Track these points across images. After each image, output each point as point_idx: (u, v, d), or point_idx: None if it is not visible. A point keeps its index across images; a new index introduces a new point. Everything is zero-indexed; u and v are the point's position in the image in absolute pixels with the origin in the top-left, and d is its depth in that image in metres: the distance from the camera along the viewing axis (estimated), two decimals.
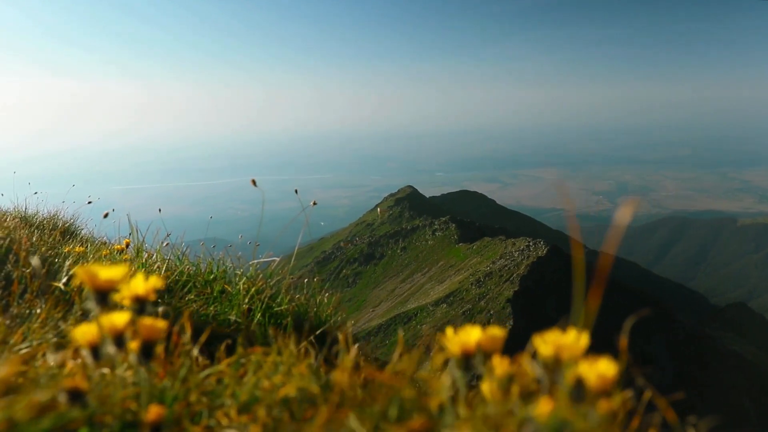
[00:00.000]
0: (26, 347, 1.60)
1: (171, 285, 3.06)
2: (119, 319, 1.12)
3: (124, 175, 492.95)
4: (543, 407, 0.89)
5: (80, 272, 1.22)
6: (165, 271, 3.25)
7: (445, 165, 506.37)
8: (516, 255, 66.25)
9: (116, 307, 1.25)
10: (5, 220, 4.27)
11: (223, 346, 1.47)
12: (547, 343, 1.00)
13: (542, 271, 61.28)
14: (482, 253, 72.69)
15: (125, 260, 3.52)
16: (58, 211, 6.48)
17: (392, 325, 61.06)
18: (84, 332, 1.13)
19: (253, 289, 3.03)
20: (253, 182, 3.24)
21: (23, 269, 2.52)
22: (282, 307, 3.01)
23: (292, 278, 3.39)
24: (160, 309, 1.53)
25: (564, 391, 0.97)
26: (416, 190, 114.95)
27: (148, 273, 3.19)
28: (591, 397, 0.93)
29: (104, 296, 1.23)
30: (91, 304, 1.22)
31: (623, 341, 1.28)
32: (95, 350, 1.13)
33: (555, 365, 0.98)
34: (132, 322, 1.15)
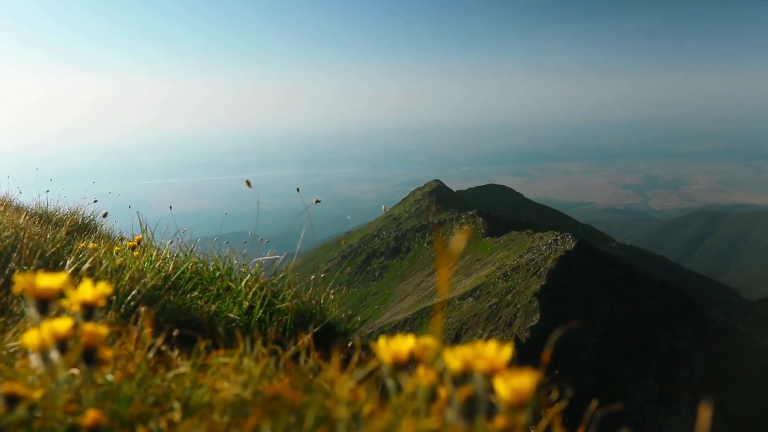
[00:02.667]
0: (17, 346, 1.57)
1: (175, 281, 3.02)
2: (61, 325, 1.14)
3: (152, 170, 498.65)
4: (407, 427, 0.88)
5: (20, 280, 1.24)
6: (172, 267, 3.22)
7: (472, 159, 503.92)
8: (543, 249, 65.71)
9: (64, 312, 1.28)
10: (19, 217, 4.24)
11: (203, 346, 1.45)
12: (456, 357, 0.97)
13: (570, 265, 60.70)
14: (509, 246, 72.24)
15: (135, 257, 3.49)
16: (79, 208, 6.48)
17: (418, 318, 60.97)
18: (33, 337, 1.15)
19: (255, 286, 2.98)
20: (248, 183, 3.17)
21: (25, 267, 2.47)
22: (284, 305, 2.96)
23: (297, 275, 3.34)
24: (143, 309, 1.46)
25: (422, 405, 0.96)
26: (443, 183, 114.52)
27: (154, 269, 3.15)
28: (504, 411, 0.91)
29: (45, 303, 1.25)
30: (32, 311, 1.23)
31: (546, 355, 1.28)
32: (45, 355, 1.15)
33: (463, 379, 0.96)
34: (75, 328, 1.17)
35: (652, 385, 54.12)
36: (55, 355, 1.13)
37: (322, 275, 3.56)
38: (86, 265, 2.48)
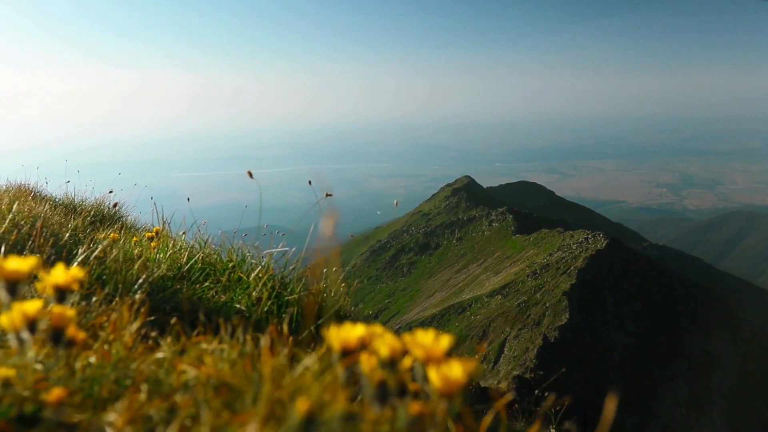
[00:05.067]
0: None
1: (187, 272, 3.03)
2: (30, 306, 1.20)
3: (184, 162, 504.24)
4: (300, 405, 0.90)
5: None
6: (186, 258, 3.25)
7: (503, 155, 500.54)
8: (574, 247, 65.06)
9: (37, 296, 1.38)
10: (41, 206, 4.27)
11: (194, 333, 1.48)
12: (385, 343, 1.00)
13: (601, 264, 59.97)
14: (539, 244, 71.68)
15: (153, 247, 3.52)
16: (105, 199, 6.56)
17: (446, 315, 60.82)
18: (7, 318, 1.20)
19: (264, 278, 2.98)
20: (249, 174, 3.15)
21: (38, 254, 2.47)
22: (292, 297, 2.97)
23: (309, 267, 3.35)
24: (137, 296, 1.43)
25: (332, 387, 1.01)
26: (474, 180, 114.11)
27: (168, 259, 3.13)
28: (436, 399, 0.93)
29: (14, 285, 1.31)
30: (2, 293, 1.28)
31: (482, 347, 1.32)
32: (20, 336, 1.22)
33: (392, 365, 0.99)
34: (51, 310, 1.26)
35: (683, 387, 53.27)
36: (26, 335, 1.19)
37: (334, 269, 3.55)
38: (95, 254, 2.48)
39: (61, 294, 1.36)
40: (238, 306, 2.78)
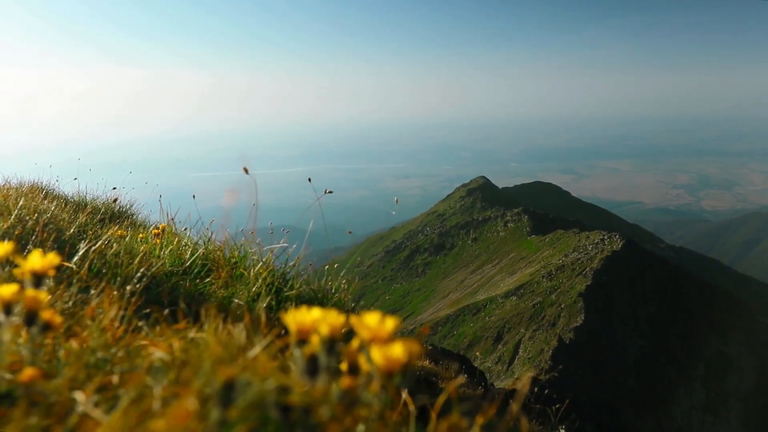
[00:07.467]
0: None
1: (189, 267, 3.05)
2: (6, 290, 1.24)
3: (198, 162, 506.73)
4: (221, 373, 0.94)
5: None
6: (189, 254, 3.28)
7: (519, 155, 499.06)
8: (590, 248, 64.69)
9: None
10: (48, 203, 4.29)
11: (182, 322, 1.53)
12: (325, 323, 1.04)
13: (617, 265, 59.55)
14: (555, 245, 71.34)
15: (156, 243, 3.55)
16: (115, 196, 6.61)
17: (461, 315, 60.68)
18: None
19: (264, 273, 2.99)
20: (245, 170, 3.18)
21: (39, 248, 2.48)
22: (291, 292, 2.98)
23: (311, 264, 3.37)
24: (128, 288, 1.41)
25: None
26: (489, 180, 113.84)
27: (171, 254, 3.13)
28: (378, 377, 0.97)
29: None
30: None
31: (425, 329, 1.37)
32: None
33: (332, 344, 1.03)
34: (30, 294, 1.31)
35: (699, 390, 52.83)
36: (1, 317, 1.24)
37: (335, 266, 3.57)
38: (94, 248, 2.48)
39: (38, 279, 1.43)
40: (236, 301, 2.81)
